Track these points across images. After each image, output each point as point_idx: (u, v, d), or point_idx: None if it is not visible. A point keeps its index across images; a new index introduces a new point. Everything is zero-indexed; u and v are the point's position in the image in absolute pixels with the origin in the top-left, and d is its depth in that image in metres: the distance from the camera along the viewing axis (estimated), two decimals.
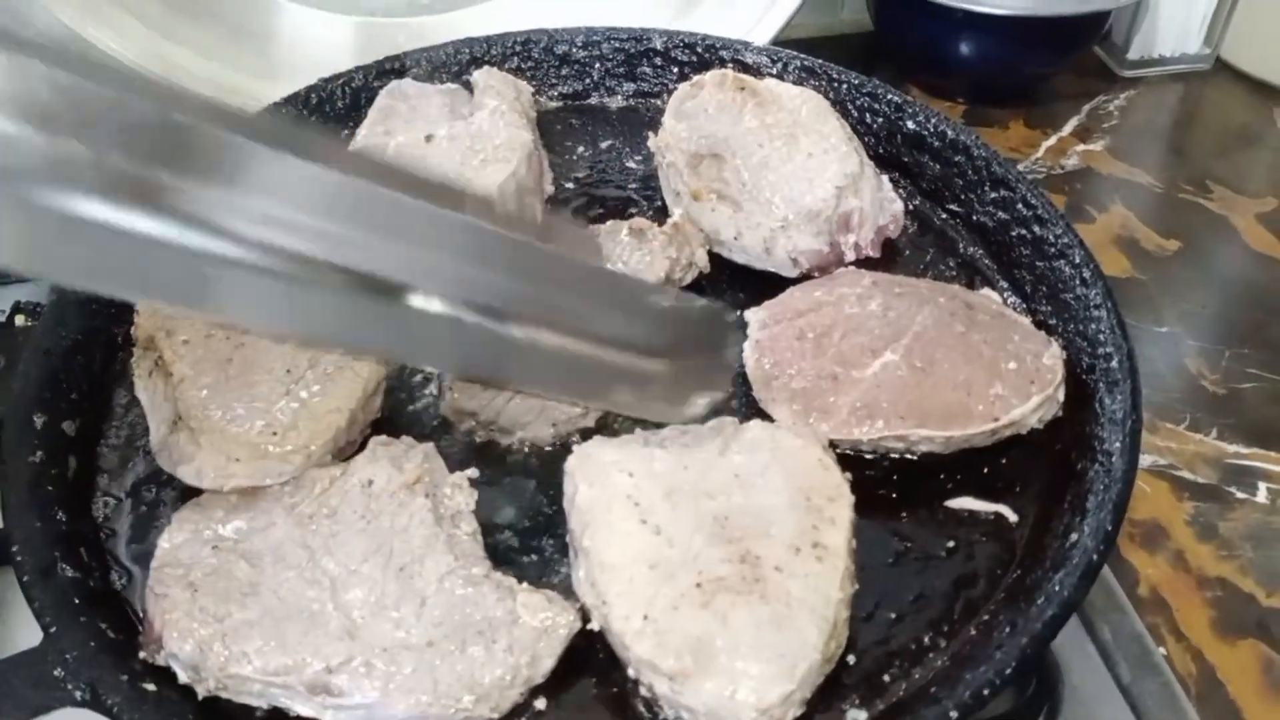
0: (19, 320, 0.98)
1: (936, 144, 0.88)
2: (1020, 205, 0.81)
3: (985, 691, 0.53)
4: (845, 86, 0.93)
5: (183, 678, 0.58)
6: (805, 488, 0.63)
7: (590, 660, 0.60)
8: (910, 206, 0.88)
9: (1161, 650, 0.78)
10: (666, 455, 0.65)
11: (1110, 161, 1.25)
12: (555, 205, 0.90)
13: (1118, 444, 0.64)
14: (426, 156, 0.87)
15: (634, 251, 0.78)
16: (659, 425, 0.68)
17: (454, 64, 0.98)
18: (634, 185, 0.93)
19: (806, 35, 1.38)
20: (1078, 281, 0.75)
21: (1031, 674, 0.70)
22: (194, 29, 1.01)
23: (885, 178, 0.86)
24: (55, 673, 0.55)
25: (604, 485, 0.63)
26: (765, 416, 0.70)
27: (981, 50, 1.29)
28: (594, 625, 0.59)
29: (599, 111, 1.01)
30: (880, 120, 0.92)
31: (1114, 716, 0.73)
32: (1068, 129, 1.29)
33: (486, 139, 0.88)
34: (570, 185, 0.93)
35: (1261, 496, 0.89)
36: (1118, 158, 1.25)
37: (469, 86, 0.95)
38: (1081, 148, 1.26)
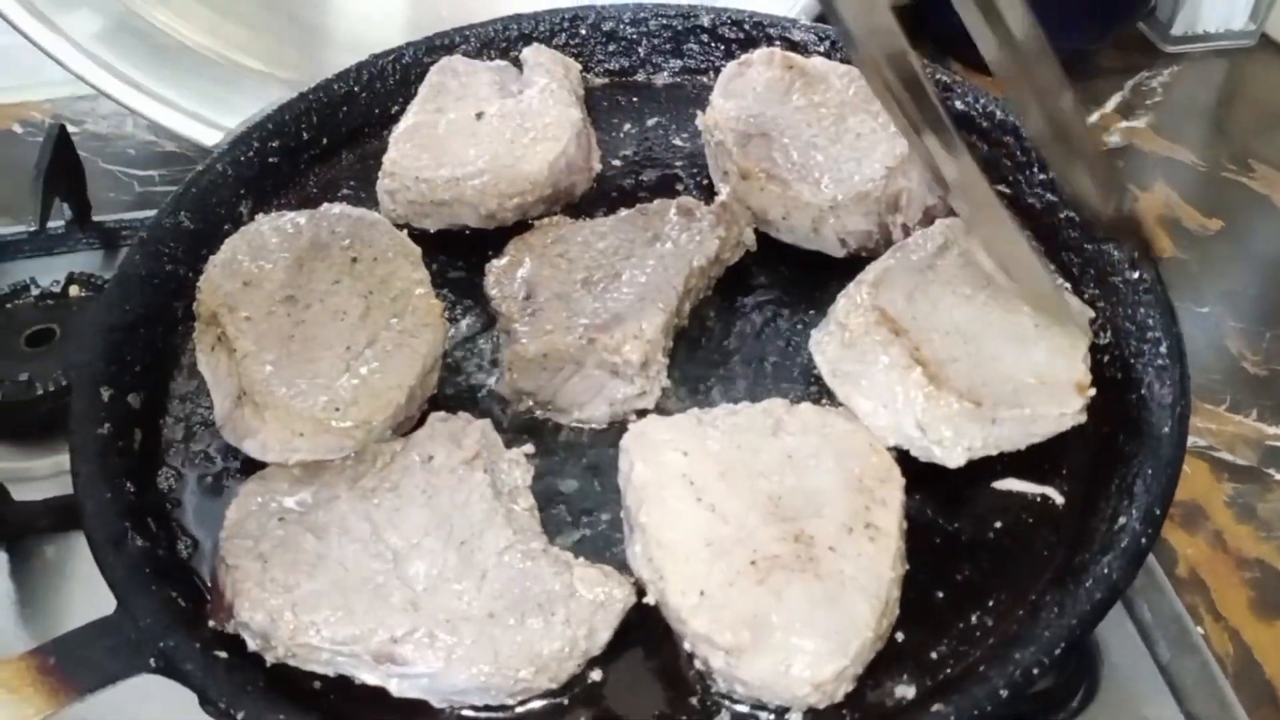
0: (73, 291, 1.00)
1: (985, 125, 0.88)
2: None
3: (1034, 671, 0.55)
4: None
5: (252, 646, 0.60)
6: (857, 470, 0.65)
7: (644, 633, 0.61)
8: None
9: (1199, 630, 0.79)
10: (719, 435, 0.66)
11: (1153, 139, 1.24)
12: (603, 182, 0.91)
13: (1166, 429, 0.65)
14: (477, 134, 0.88)
15: (682, 231, 0.79)
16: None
17: (502, 40, 0.98)
18: (681, 163, 0.93)
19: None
20: (1127, 265, 0.75)
21: (1073, 653, 0.71)
22: (251, 6, 1.02)
23: None
24: (130, 639, 0.57)
25: (659, 463, 0.65)
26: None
27: None
28: (649, 599, 0.61)
29: (645, 88, 1.01)
30: None
31: (1152, 695, 0.74)
32: (1110, 105, 1.29)
33: (537, 116, 0.89)
34: (617, 162, 0.93)
35: None
36: (1161, 135, 1.25)
37: (517, 63, 0.96)
38: (1124, 125, 1.26)
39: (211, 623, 0.61)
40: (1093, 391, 0.68)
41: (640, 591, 0.61)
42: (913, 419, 0.68)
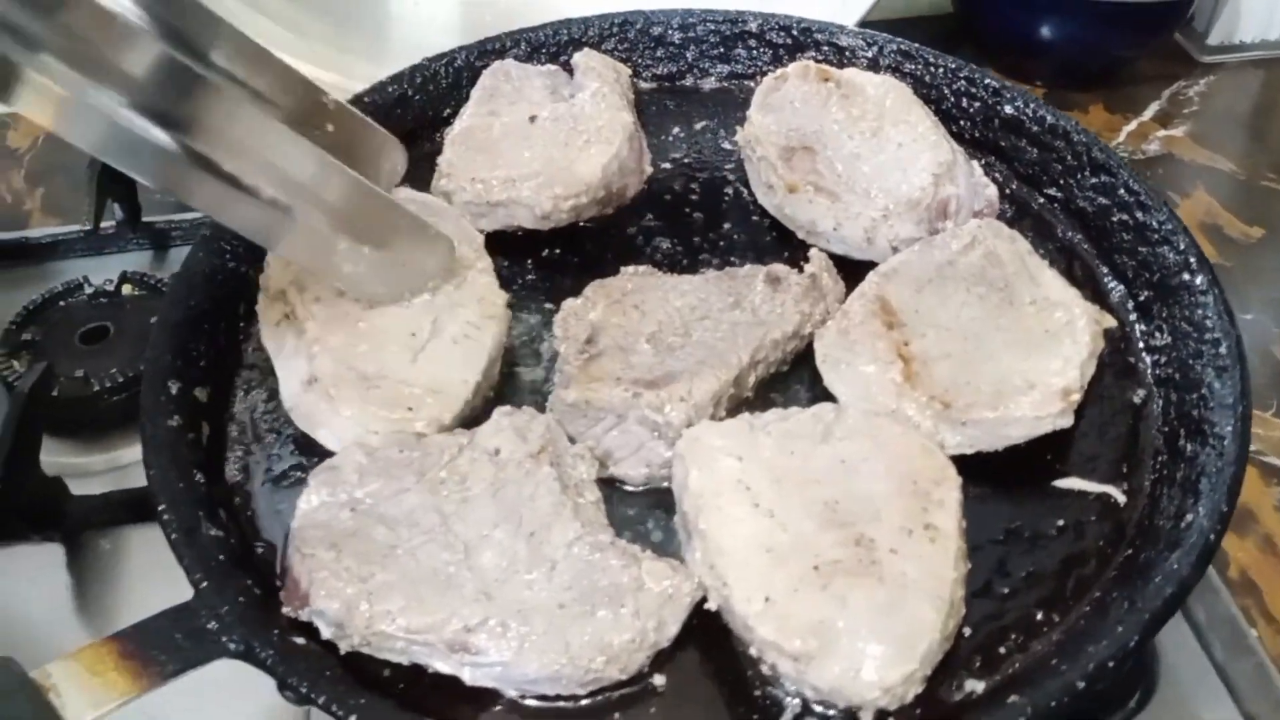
0: (126, 289, 1.01)
1: (1035, 129, 0.89)
2: (1122, 191, 0.82)
3: (1110, 664, 0.55)
4: (941, 70, 0.94)
5: (325, 634, 0.60)
6: (911, 472, 0.65)
7: (704, 635, 0.62)
8: (1006, 191, 0.89)
9: (1254, 632, 0.79)
10: (771, 441, 0.67)
11: (1192, 148, 1.25)
12: (653, 184, 0.92)
13: (1229, 428, 0.66)
14: (531, 136, 0.89)
15: (765, 300, 0.77)
16: (758, 409, 0.71)
17: (553, 44, 1.00)
18: (730, 166, 0.94)
19: (885, 17, 1.38)
20: (1182, 268, 0.76)
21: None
22: (311, 18, 1.04)
23: (976, 163, 0.87)
24: (209, 626, 0.58)
25: (714, 469, 0.65)
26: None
27: (1063, 34, 1.29)
28: (711, 605, 0.61)
29: (693, 93, 1.02)
30: (977, 104, 0.92)
31: (1208, 696, 0.74)
32: (1148, 114, 1.29)
33: (589, 120, 0.90)
34: (667, 165, 0.94)
35: None
36: (1199, 144, 1.25)
37: (568, 67, 0.97)
38: (1163, 133, 1.26)
39: (286, 609, 0.61)
40: (1077, 398, 0.68)
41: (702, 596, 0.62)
42: (884, 413, 0.69)
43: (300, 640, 0.60)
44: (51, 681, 0.55)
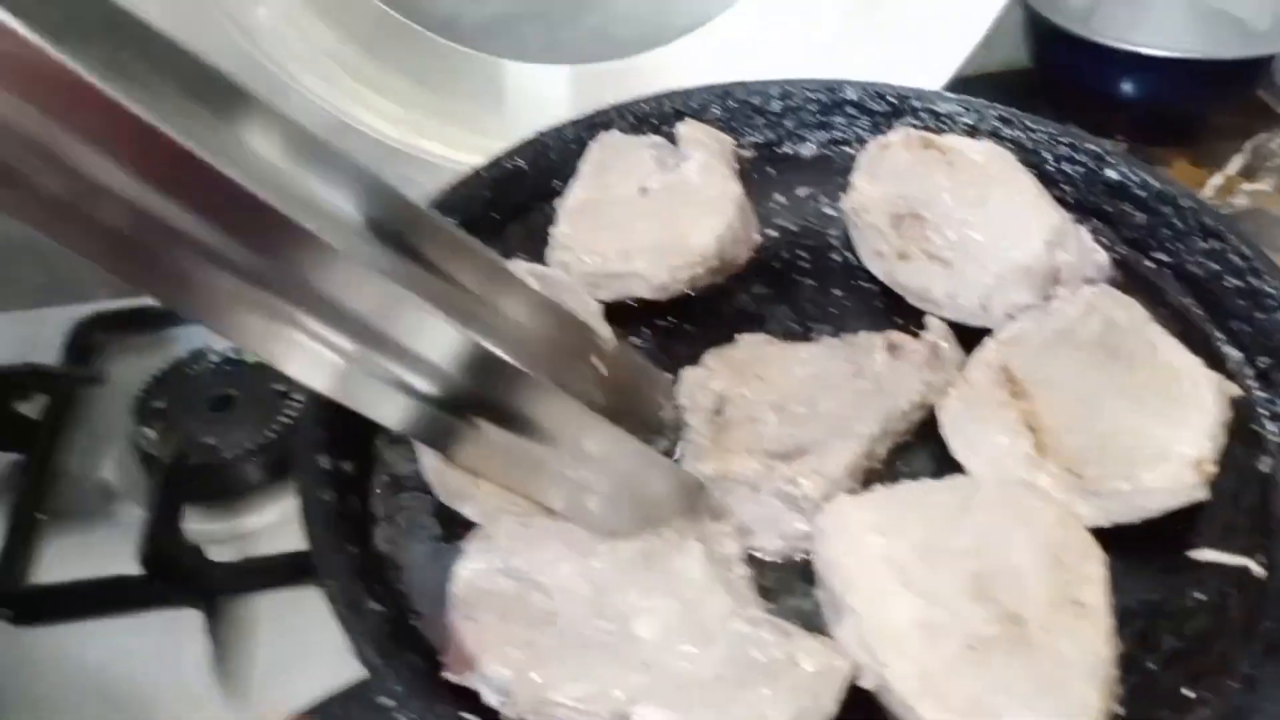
0: (248, 357, 1.05)
1: (1141, 194, 0.90)
2: (1234, 256, 0.83)
3: None
4: (1043, 136, 0.96)
5: (490, 701, 0.62)
6: (1053, 545, 0.66)
7: (856, 714, 0.62)
8: (1115, 255, 0.90)
9: None
10: (911, 514, 0.68)
11: (1279, 201, 1.25)
12: (762, 251, 0.94)
13: None
14: (643, 208, 0.92)
15: (888, 369, 0.78)
16: (886, 478, 0.72)
17: (656, 116, 1.03)
18: (834, 233, 0.96)
19: (959, 75, 1.41)
20: None
21: None
22: (437, 99, 1.09)
23: (1084, 228, 0.89)
24: (385, 705, 0.60)
25: (859, 545, 0.66)
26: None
27: (1144, 90, 1.31)
28: (866, 683, 0.62)
29: (791, 160, 1.04)
30: (1080, 169, 0.94)
31: None
32: (1233, 168, 1.30)
33: (698, 190, 0.93)
34: (774, 232, 0.96)
35: None
36: None
37: (671, 138, 1.00)
38: (1249, 187, 1.27)
39: (450, 675, 0.63)
40: (1212, 470, 0.69)
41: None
42: (1016, 484, 0.70)
43: (473, 718, 0.62)
44: None
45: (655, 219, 0.91)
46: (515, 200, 0.98)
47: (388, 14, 1.14)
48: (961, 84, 1.12)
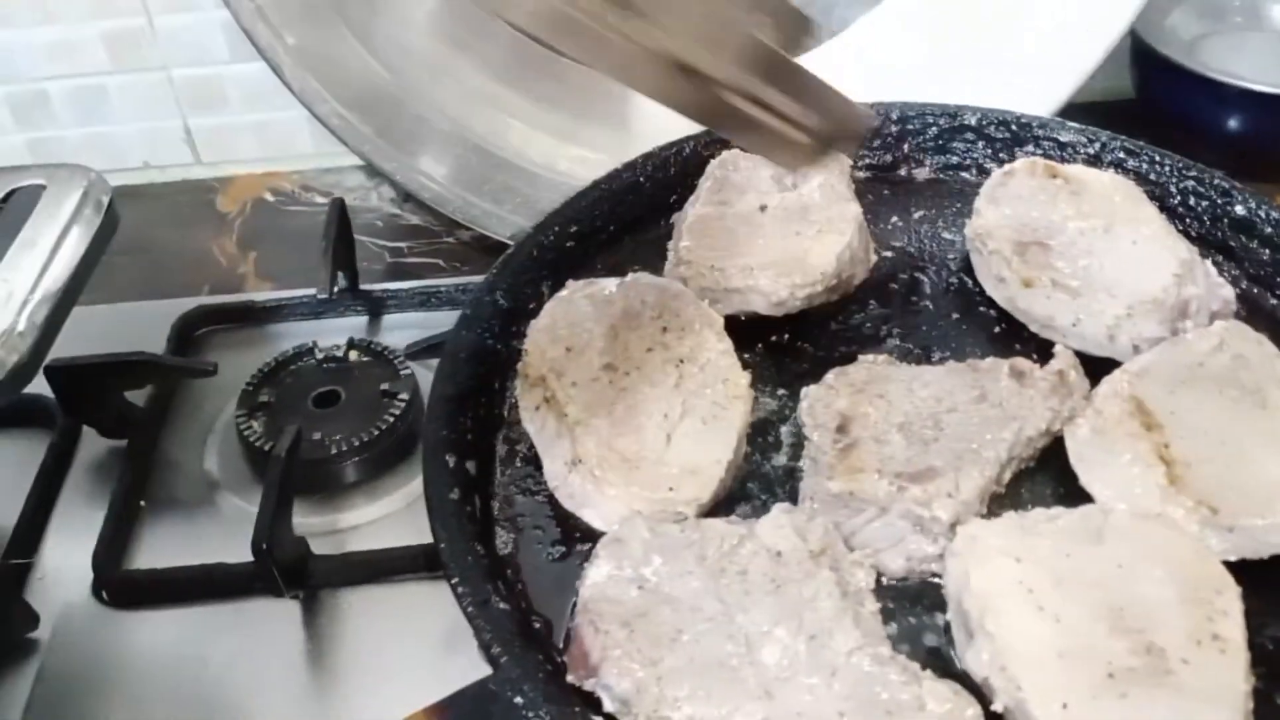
0: (353, 355, 1.06)
1: (1268, 230, 0.89)
2: None
3: None
4: (1168, 168, 0.95)
5: (609, 707, 0.62)
6: (1190, 578, 0.65)
7: None
8: (1238, 290, 0.89)
9: None
10: (1046, 542, 0.67)
11: None
12: (877, 272, 0.94)
13: None
14: (763, 225, 0.92)
15: (1012, 395, 0.77)
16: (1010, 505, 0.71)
17: None
18: (953, 257, 0.96)
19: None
20: None
21: None
22: (579, 126, 1.13)
23: (1209, 263, 0.88)
24: (516, 701, 0.60)
25: (994, 570, 0.66)
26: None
27: (1249, 125, 1.29)
28: (998, 707, 0.61)
29: (907, 183, 1.04)
30: (1205, 204, 0.93)
31: None
32: None
33: (818, 210, 0.93)
34: (889, 254, 0.96)
35: None
36: None
37: None
38: None
39: (571, 678, 0.64)
40: None
41: (984, 700, 0.62)
42: (1149, 516, 0.69)
43: (596, 718, 0.62)
44: None
45: (776, 237, 0.91)
46: (633, 213, 0.99)
47: (519, 39, 1.17)
48: (1064, 112, 1.11)
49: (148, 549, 0.95)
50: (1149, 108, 1.40)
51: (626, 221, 0.97)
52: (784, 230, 0.91)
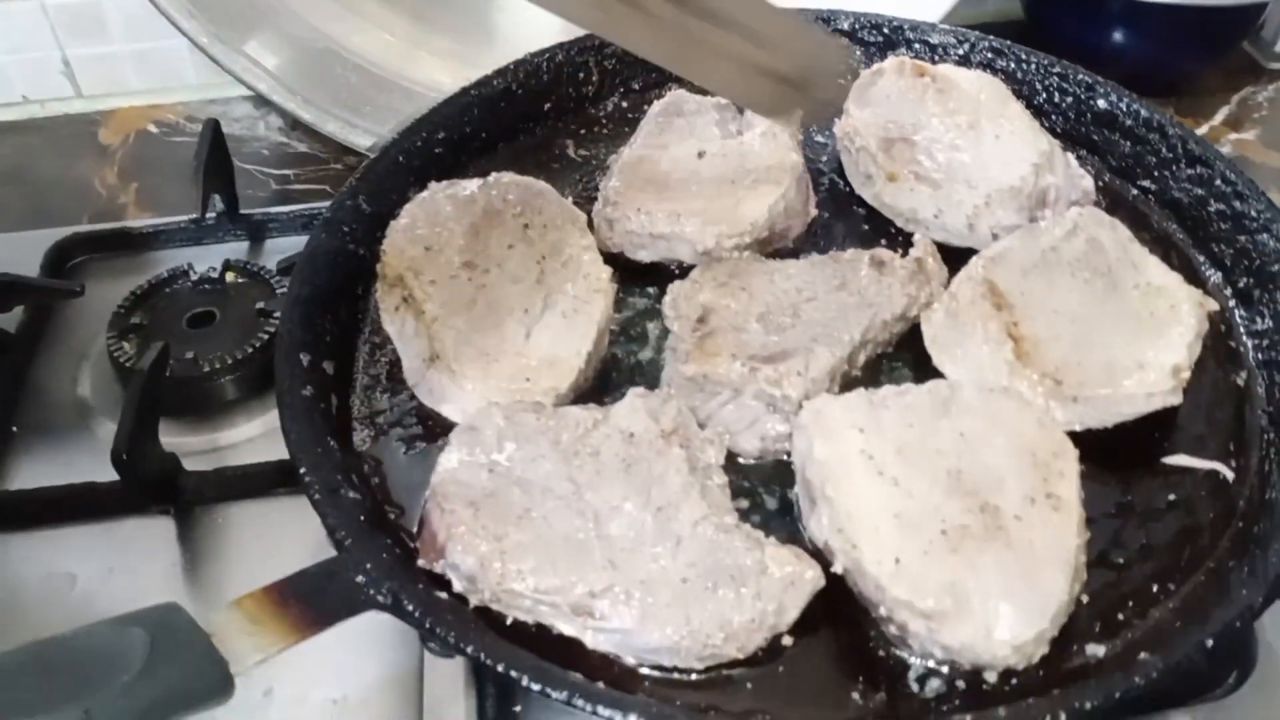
0: (229, 277, 1.04)
1: (1129, 123, 0.91)
2: (1219, 182, 0.84)
3: (1238, 624, 0.56)
4: (1035, 66, 0.96)
5: (457, 587, 0.63)
6: (1029, 445, 0.67)
7: (828, 603, 0.63)
8: (1100, 183, 0.90)
9: None
10: (891, 414, 0.69)
11: (1263, 151, 1.26)
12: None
13: None
14: (699, 172, 0.89)
15: (872, 283, 0.79)
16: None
17: None
18: (824, 159, 0.97)
19: (952, 24, 1.40)
20: None
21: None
22: (430, 35, 1.08)
23: (1071, 155, 0.89)
24: (358, 580, 0.60)
25: (838, 440, 0.67)
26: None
27: (1135, 42, 1.30)
28: (837, 568, 0.63)
29: None
30: (1070, 99, 0.94)
31: None
32: (1218, 119, 1.31)
33: (757, 159, 0.89)
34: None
35: None
36: (1269, 147, 1.27)
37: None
38: (1234, 137, 1.28)
39: (421, 561, 0.64)
40: (1186, 375, 0.70)
41: (825, 563, 0.63)
42: (997, 390, 0.70)
43: (443, 595, 0.62)
44: (214, 628, 0.57)
45: (710, 184, 0.87)
46: (506, 121, 0.97)
47: None
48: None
49: (18, 473, 0.93)
50: (1037, 29, 1.42)
51: (500, 129, 0.96)
52: (719, 178, 0.88)
